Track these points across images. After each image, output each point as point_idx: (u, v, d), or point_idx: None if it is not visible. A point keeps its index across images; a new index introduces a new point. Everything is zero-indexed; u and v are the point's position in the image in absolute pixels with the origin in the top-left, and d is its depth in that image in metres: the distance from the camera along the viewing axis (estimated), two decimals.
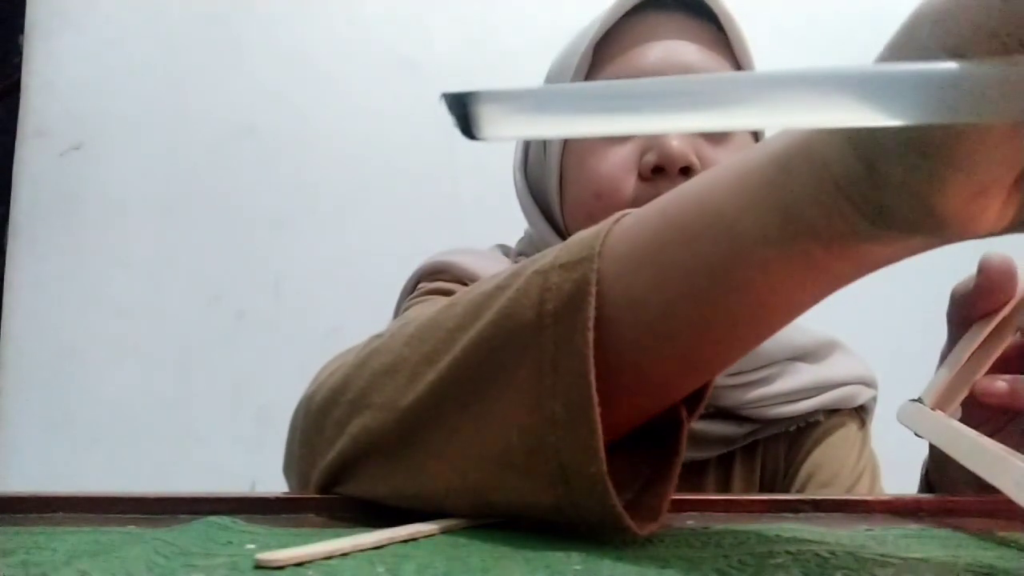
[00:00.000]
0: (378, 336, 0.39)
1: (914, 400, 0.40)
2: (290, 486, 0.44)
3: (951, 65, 0.17)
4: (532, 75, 0.65)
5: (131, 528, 0.32)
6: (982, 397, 0.41)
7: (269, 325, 1.32)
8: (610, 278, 0.29)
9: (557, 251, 0.31)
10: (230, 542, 0.29)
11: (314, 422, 0.39)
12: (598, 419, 0.27)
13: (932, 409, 0.39)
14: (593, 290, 0.28)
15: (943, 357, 0.47)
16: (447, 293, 0.56)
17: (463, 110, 0.19)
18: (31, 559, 0.26)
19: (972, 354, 0.41)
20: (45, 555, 0.27)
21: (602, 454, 0.27)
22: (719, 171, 0.28)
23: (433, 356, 0.33)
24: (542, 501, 0.30)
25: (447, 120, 0.19)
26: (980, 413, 0.43)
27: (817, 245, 0.25)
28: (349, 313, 1.13)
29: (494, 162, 0.72)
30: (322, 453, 0.38)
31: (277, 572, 0.25)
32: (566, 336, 0.28)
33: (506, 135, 0.19)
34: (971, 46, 0.19)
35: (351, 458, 0.36)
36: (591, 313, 0.28)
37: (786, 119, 0.19)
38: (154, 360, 1.31)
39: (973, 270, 0.42)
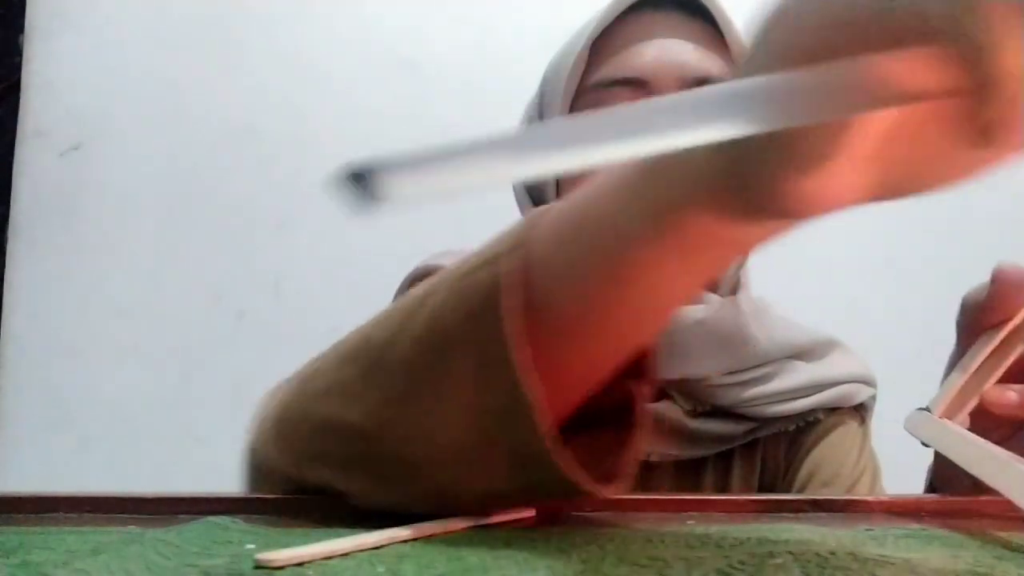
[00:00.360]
0: (316, 359, 0.40)
1: (922, 409, 0.40)
2: None
3: (793, 74, 0.20)
4: (532, 74, 0.65)
5: (131, 528, 0.32)
6: (992, 407, 0.40)
7: (269, 325, 1.32)
8: (532, 268, 0.31)
9: (481, 250, 0.33)
10: (230, 542, 0.29)
11: (258, 458, 0.41)
12: (535, 398, 0.28)
13: (940, 418, 0.39)
14: (517, 279, 0.30)
15: (951, 364, 0.47)
16: None
17: (363, 180, 0.20)
18: (31, 559, 0.26)
19: (982, 363, 0.41)
20: (45, 555, 0.27)
21: (545, 431, 0.28)
22: (609, 177, 0.30)
23: (369, 373, 0.34)
24: (506, 489, 0.31)
25: (345, 192, 0.20)
26: (987, 422, 0.42)
27: (695, 237, 0.28)
28: (349, 313, 1.12)
29: None
30: (270, 484, 0.40)
31: (277, 572, 0.25)
32: (494, 327, 0.29)
33: (409, 199, 0.20)
34: (817, 51, 0.21)
35: (302, 484, 0.37)
36: (516, 302, 0.29)
37: (642, 147, 0.20)
38: (154, 360, 1.31)
39: (973, 270, 0.42)
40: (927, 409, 0.40)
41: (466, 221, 1.28)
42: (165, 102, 1.37)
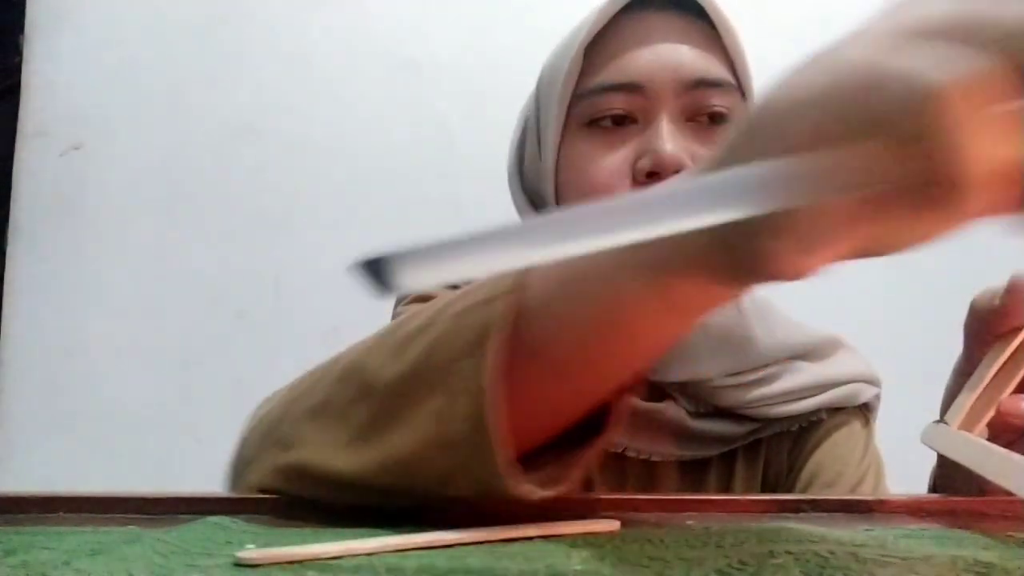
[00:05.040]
0: (311, 372, 0.42)
1: (938, 422, 0.40)
2: None
3: (783, 162, 0.22)
4: (533, 74, 0.65)
5: (131, 528, 0.32)
6: (1009, 417, 0.40)
7: (269, 325, 1.32)
8: (527, 311, 0.34)
9: (480, 286, 0.35)
10: (230, 542, 0.29)
11: (245, 462, 0.43)
12: (497, 439, 0.31)
13: (959, 430, 0.39)
14: (510, 322, 0.33)
15: (958, 369, 0.47)
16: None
17: (377, 270, 0.23)
18: (31, 559, 0.26)
19: (995, 373, 0.41)
20: (45, 555, 0.27)
21: (501, 469, 0.31)
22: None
23: (358, 397, 0.37)
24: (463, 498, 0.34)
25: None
26: (994, 428, 0.42)
27: (688, 302, 0.31)
28: (349, 313, 1.13)
29: (494, 162, 0.72)
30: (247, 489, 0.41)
31: (277, 573, 0.25)
32: (477, 366, 0.32)
33: (420, 286, 0.23)
34: (805, 142, 0.23)
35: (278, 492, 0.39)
36: (499, 344, 0.32)
37: (641, 235, 0.22)
38: (154, 360, 1.31)
39: (979, 270, 0.42)
40: (943, 422, 0.40)
41: (466, 221, 1.29)
42: (165, 102, 1.37)
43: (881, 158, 0.21)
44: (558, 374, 0.35)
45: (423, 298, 0.59)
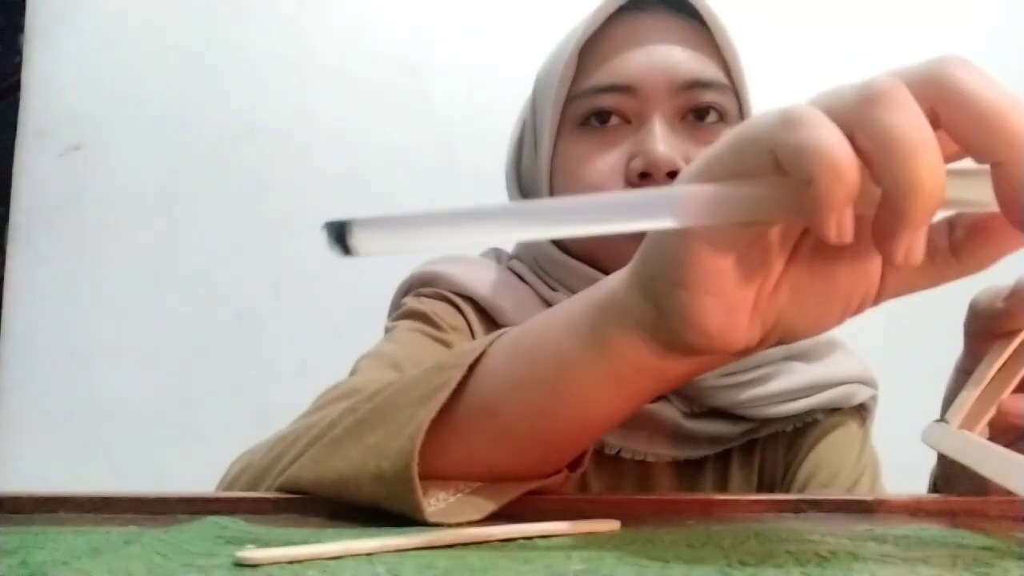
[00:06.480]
0: (282, 439, 0.46)
1: (939, 421, 0.40)
2: None
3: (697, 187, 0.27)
4: (532, 76, 0.65)
5: (131, 528, 0.32)
6: (1010, 417, 0.40)
7: (269, 325, 1.32)
8: (473, 384, 0.37)
9: (448, 354, 0.39)
10: (230, 542, 0.29)
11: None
12: (415, 478, 0.33)
13: (959, 430, 0.39)
14: (449, 390, 0.35)
15: (959, 368, 0.47)
16: (428, 319, 0.59)
17: (340, 233, 0.26)
18: (31, 559, 0.26)
19: (997, 372, 0.41)
20: (45, 555, 0.27)
21: (420, 506, 0.33)
22: (559, 312, 0.36)
23: (327, 428, 0.41)
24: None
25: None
26: (993, 429, 0.42)
27: (626, 367, 0.33)
28: (349, 313, 1.13)
29: (494, 162, 0.72)
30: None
31: (277, 573, 0.25)
32: (416, 416, 0.35)
33: (377, 252, 0.26)
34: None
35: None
36: (439, 403, 0.35)
37: (593, 230, 0.26)
38: (154, 360, 1.31)
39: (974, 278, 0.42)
40: (944, 421, 0.40)
41: None
42: (165, 102, 1.37)
43: (774, 190, 0.26)
44: (507, 436, 0.37)
45: (415, 314, 0.60)
